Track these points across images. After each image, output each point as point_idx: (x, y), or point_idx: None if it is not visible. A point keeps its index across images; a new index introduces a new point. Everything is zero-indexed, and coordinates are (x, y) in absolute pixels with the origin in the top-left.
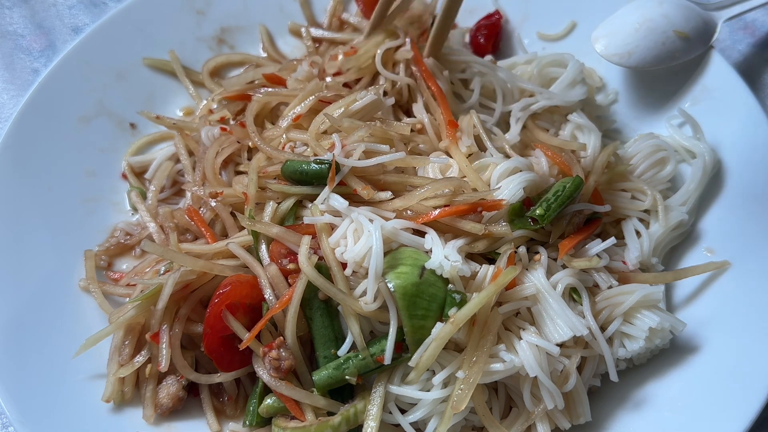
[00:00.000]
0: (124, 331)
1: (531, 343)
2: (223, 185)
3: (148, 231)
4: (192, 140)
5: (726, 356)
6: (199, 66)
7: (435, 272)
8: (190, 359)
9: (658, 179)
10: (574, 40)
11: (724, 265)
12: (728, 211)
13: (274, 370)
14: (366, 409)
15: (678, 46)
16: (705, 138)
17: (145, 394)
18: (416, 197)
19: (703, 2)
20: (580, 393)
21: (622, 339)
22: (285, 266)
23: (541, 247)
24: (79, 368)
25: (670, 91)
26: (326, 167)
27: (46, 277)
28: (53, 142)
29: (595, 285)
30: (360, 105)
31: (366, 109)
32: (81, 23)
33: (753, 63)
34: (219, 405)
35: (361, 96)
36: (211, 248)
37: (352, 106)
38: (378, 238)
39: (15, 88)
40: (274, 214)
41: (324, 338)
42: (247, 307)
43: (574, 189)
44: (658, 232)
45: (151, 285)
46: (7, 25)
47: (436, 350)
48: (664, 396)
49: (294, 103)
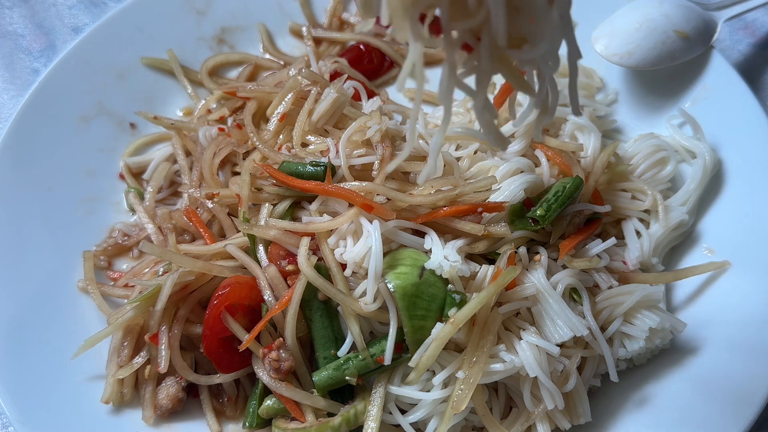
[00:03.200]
0: (123, 332)
1: (531, 343)
2: (221, 186)
3: (146, 232)
4: (190, 140)
5: (726, 356)
6: (199, 66)
7: (435, 272)
8: (189, 360)
9: (658, 179)
10: None
11: (724, 265)
12: (728, 211)
13: (273, 371)
14: (366, 410)
15: (678, 46)
16: (705, 138)
17: (145, 396)
18: (416, 196)
19: (704, 2)
20: (580, 393)
21: (622, 339)
22: (284, 267)
23: (541, 247)
24: (78, 369)
25: (670, 91)
26: (322, 169)
27: (45, 277)
28: (53, 142)
29: (595, 285)
30: (324, 107)
31: (332, 108)
32: (81, 23)
33: (753, 63)
34: (219, 406)
35: (324, 95)
36: (209, 249)
37: (317, 108)
38: (377, 238)
39: (15, 88)
40: (270, 215)
41: (324, 339)
42: (247, 308)
43: (574, 189)
44: (659, 232)
45: (150, 286)
46: (7, 25)
47: (436, 350)
48: (664, 396)
49: (275, 103)
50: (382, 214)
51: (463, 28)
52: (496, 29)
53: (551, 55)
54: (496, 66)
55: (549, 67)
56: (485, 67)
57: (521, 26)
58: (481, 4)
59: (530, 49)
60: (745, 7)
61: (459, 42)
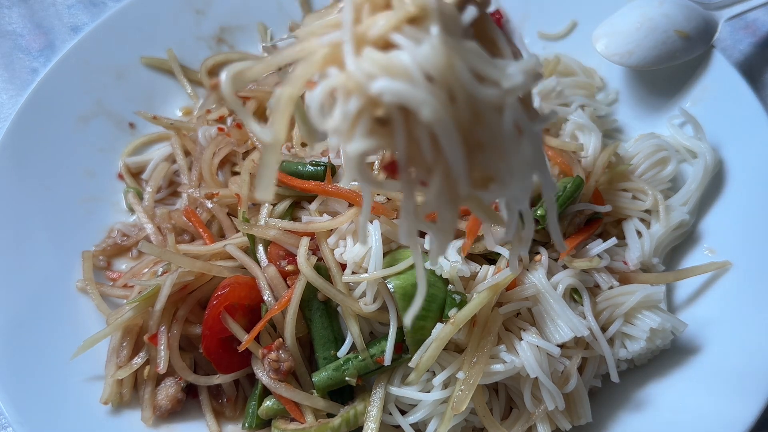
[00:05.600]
0: (122, 332)
1: (531, 343)
2: (220, 186)
3: (145, 232)
4: (189, 140)
5: (727, 357)
6: (199, 65)
7: (435, 272)
8: (188, 361)
9: (659, 179)
10: (575, 39)
11: (725, 265)
12: (729, 210)
13: (273, 371)
14: (366, 411)
15: (679, 45)
16: (706, 138)
17: (144, 396)
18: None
19: (704, 2)
20: (580, 394)
21: (623, 339)
22: (283, 267)
23: (541, 247)
24: (77, 370)
25: (671, 91)
26: (322, 169)
27: (44, 277)
28: (52, 142)
29: (596, 285)
30: None
31: None
32: (80, 22)
33: (754, 62)
34: (218, 407)
35: None
36: (209, 249)
37: None
38: (377, 238)
39: (14, 87)
40: (270, 215)
41: (323, 339)
42: (246, 308)
43: (575, 189)
44: (659, 232)
45: (149, 286)
46: (6, 25)
47: (436, 351)
48: (665, 397)
49: None
50: (383, 213)
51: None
52: (457, 178)
53: (522, 191)
54: (459, 205)
55: (520, 203)
56: (446, 215)
57: (486, 165)
58: (438, 150)
59: (499, 189)
60: (746, 6)
61: (417, 180)
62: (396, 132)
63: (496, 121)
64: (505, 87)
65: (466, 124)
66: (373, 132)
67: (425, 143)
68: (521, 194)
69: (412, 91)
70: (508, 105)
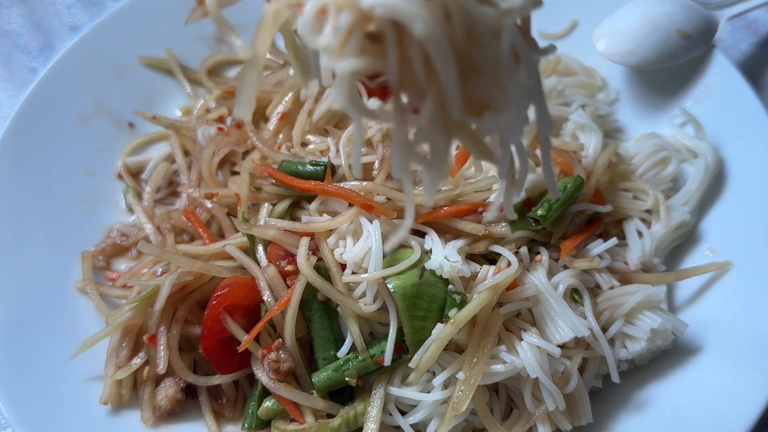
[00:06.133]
0: (122, 333)
1: (532, 344)
2: (220, 186)
3: (144, 232)
4: (189, 140)
5: (728, 357)
6: (198, 65)
7: (435, 273)
8: (188, 361)
9: (659, 179)
10: (576, 38)
11: (726, 265)
12: (730, 210)
13: (273, 372)
14: (366, 411)
15: (680, 45)
16: (707, 137)
17: (143, 397)
18: (416, 195)
19: (705, 1)
20: (581, 394)
21: (623, 340)
22: (283, 268)
23: (542, 247)
24: (76, 370)
25: (671, 91)
26: (322, 169)
27: (44, 277)
28: (51, 142)
29: (596, 285)
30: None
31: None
32: (79, 22)
33: (755, 62)
34: (218, 407)
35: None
36: (208, 249)
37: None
38: (377, 238)
39: (13, 87)
40: (270, 215)
41: (323, 340)
42: (246, 308)
43: (576, 189)
44: (660, 232)
45: (149, 286)
46: (5, 24)
47: (436, 351)
48: (665, 397)
49: (275, 102)
50: (383, 213)
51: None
52: (450, 101)
53: (517, 122)
54: (452, 135)
55: (514, 135)
56: (439, 144)
57: (481, 90)
58: (432, 71)
59: (493, 118)
60: (747, 6)
61: (409, 107)
62: (388, 50)
63: (492, 44)
64: (503, 7)
65: (462, 45)
66: (365, 50)
67: (418, 63)
68: (516, 125)
69: (405, 5)
70: (506, 27)
